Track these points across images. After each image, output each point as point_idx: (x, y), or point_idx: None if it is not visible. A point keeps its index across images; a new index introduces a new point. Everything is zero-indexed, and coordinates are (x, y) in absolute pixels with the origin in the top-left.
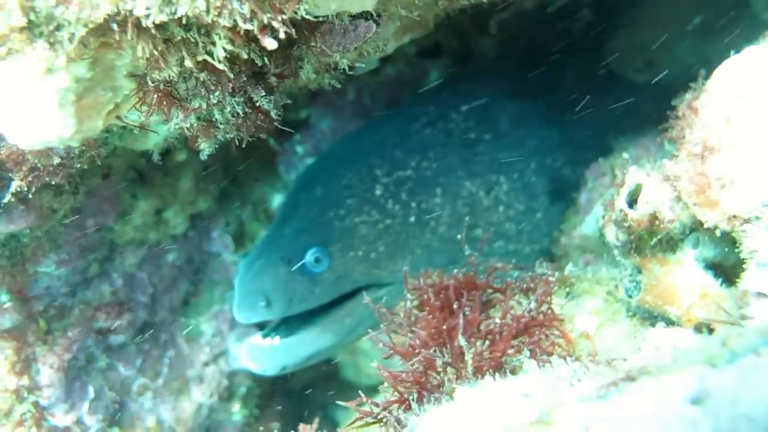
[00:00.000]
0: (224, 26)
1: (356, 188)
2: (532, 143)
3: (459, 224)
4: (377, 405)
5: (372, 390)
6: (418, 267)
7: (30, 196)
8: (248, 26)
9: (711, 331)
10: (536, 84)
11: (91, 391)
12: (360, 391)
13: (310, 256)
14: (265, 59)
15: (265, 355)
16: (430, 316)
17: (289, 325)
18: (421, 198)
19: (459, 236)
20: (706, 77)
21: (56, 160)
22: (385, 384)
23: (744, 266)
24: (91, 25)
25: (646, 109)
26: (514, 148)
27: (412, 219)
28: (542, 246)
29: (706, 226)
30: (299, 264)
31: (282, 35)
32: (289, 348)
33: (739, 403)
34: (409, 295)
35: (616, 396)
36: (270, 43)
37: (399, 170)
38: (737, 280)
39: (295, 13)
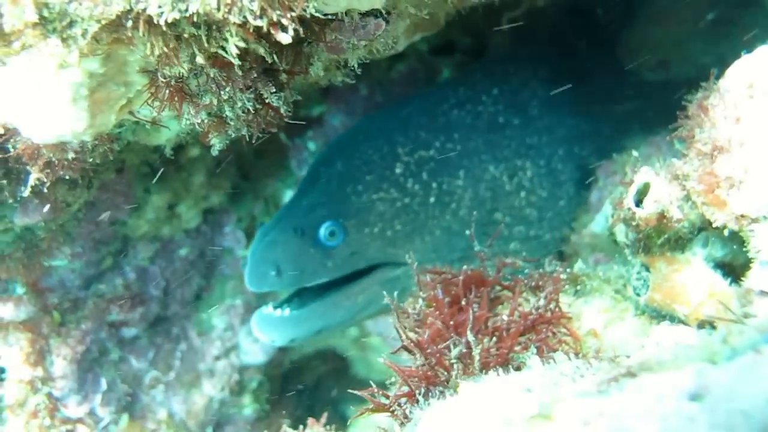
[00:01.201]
0: (234, 23)
1: (376, 165)
2: (561, 130)
3: (480, 207)
4: (387, 396)
5: (381, 386)
6: (437, 249)
7: (45, 189)
8: (258, 23)
9: (714, 328)
10: (566, 73)
11: (103, 383)
12: (371, 382)
13: (324, 230)
14: (275, 56)
15: (274, 325)
16: (437, 312)
17: (302, 298)
18: (443, 179)
19: (475, 223)
20: (718, 76)
21: (70, 155)
22: (393, 379)
23: (752, 266)
24: (103, 22)
25: (659, 108)
26: (542, 134)
27: (432, 200)
28: (562, 234)
29: (714, 225)
30: (312, 236)
31: (291, 32)
32: (299, 320)
33: (736, 399)
34: (418, 291)
35: (616, 391)
36: (284, 38)
37: (421, 150)
38: (745, 279)
39: (304, 10)
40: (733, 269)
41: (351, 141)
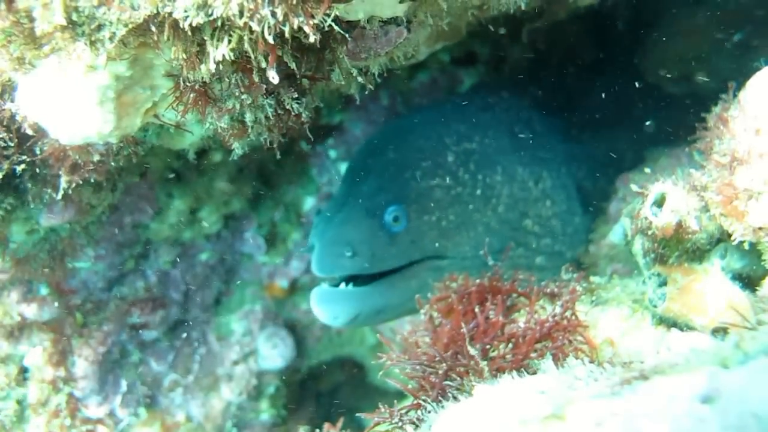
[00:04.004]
0: (255, 30)
1: (429, 152)
2: (560, 149)
3: (514, 208)
4: (393, 413)
5: (400, 394)
6: (477, 246)
7: (70, 191)
8: (270, 39)
9: (727, 334)
10: (561, 100)
11: (123, 385)
12: (380, 403)
13: (389, 214)
14: (296, 62)
15: (338, 300)
16: (448, 320)
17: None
18: (486, 172)
19: (506, 224)
20: (738, 89)
21: (96, 157)
22: (409, 386)
23: None
24: (131, 25)
25: (679, 120)
26: (549, 150)
27: (479, 192)
28: (577, 252)
29: (733, 237)
30: (380, 219)
31: (312, 39)
32: (363, 296)
33: (747, 402)
34: (433, 304)
35: (629, 393)
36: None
37: (466, 142)
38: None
39: (326, 17)
40: (752, 281)
41: (396, 133)
